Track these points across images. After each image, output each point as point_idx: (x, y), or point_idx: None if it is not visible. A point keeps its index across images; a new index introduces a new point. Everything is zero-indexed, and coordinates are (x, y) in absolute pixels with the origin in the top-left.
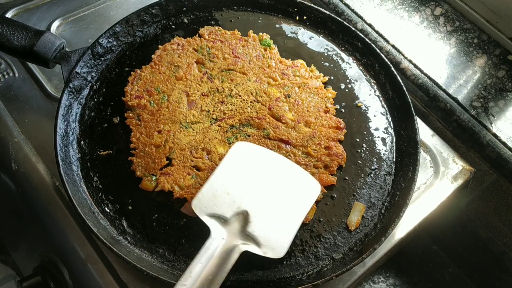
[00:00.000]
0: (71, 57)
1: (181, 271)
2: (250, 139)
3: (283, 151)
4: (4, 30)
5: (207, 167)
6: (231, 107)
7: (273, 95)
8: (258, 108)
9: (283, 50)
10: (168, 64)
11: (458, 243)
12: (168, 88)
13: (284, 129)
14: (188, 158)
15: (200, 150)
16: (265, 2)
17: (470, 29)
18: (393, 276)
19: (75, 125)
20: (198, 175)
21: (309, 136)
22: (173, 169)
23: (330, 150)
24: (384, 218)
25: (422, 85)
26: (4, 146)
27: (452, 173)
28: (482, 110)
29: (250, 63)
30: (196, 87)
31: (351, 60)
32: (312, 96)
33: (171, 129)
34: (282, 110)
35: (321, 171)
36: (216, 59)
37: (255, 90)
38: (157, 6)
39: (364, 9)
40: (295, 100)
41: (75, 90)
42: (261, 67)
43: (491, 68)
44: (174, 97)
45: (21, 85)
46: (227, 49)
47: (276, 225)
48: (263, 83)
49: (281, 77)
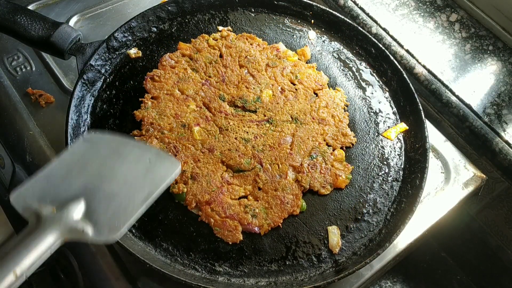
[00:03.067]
0: (87, 50)
1: (183, 266)
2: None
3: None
4: (22, 20)
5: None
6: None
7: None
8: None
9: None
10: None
11: (467, 250)
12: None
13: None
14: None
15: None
16: (280, 4)
17: (486, 36)
18: (401, 281)
19: (86, 116)
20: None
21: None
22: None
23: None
24: (390, 224)
25: (435, 91)
26: (20, 138)
27: (463, 179)
28: (495, 117)
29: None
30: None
31: (364, 65)
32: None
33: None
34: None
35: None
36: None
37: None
38: (174, 3)
39: (379, 13)
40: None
41: (88, 82)
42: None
43: (505, 76)
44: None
45: (38, 78)
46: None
47: (114, 208)
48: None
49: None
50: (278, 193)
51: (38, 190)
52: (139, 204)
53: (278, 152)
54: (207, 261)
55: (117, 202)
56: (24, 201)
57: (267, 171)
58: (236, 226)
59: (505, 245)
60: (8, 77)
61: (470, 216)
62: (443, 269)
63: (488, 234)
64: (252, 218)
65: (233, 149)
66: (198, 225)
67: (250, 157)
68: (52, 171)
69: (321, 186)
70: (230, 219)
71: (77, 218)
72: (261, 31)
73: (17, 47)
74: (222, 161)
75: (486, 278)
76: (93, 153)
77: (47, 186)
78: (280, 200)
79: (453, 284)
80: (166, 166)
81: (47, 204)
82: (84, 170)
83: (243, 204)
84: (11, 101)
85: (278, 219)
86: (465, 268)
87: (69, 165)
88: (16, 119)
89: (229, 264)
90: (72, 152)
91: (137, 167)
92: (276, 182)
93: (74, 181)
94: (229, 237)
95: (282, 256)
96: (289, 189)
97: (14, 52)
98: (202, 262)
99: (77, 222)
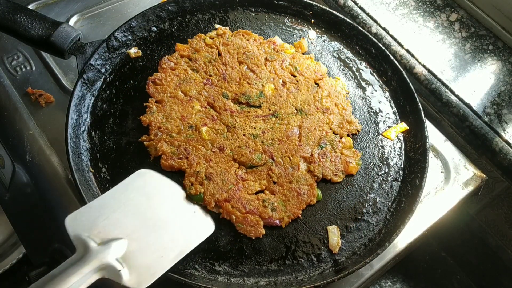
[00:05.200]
0: (86, 49)
1: (183, 266)
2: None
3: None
4: (22, 19)
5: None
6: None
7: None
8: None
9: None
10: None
11: (467, 250)
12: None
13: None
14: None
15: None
16: (280, 4)
17: (486, 35)
18: (400, 281)
19: (86, 116)
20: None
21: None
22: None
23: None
24: (389, 224)
25: (435, 90)
26: (20, 137)
27: (463, 179)
28: (495, 117)
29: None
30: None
31: (363, 64)
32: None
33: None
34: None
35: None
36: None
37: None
38: (174, 2)
39: (379, 13)
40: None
41: (88, 81)
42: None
43: (505, 75)
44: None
45: (38, 78)
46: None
47: (149, 259)
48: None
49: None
50: (293, 185)
51: (90, 219)
52: (171, 261)
53: (288, 145)
54: (207, 261)
55: (155, 252)
56: (76, 228)
57: (279, 164)
58: (258, 220)
59: (505, 244)
60: (8, 77)
61: (470, 215)
62: (443, 269)
63: (488, 233)
64: (272, 211)
65: (243, 146)
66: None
67: (261, 152)
68: (105, 201)
69: (334, 174)
70: (251, 214)
71: (117, 258)
72: (261, 30)
73: (17, 47)
74: (234, 159)
75: (486, 277)
76: (146, 193)
77: (98, 216)
78: (296, 191)
79: (453, 283)
80: (205, 225)
81: (95, 236)
82: (134, 210)
83: (261, 198)
84: (11, 101)
85: (297, 210)
86: (465, 268)
87: (121, 199)
88: (16, 119)
89: (229, 263)
90: (127, 185)
91: (182, 218)
92: (289, 174)
93: (123, 219)
94: (252, 232)
95: (282, 256)
96: (303, 180)
97: (14, 52)
98: (202, 262)
99: (116, 263)
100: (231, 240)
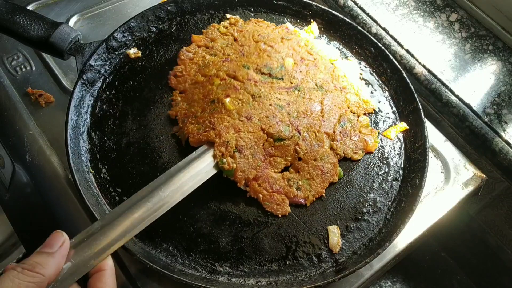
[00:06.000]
0: (86, 50)
1: (184, 266)
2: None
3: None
4: (22, 20)
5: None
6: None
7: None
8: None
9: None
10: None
11: (467, 250)
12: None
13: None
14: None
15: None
16: (279, 4)
17: (486, 35)
18: (400, 281)
19: (86, 116)
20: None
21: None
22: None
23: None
24: (390, 224)
25: (435, 90)
26: (20, 138)
27: (463, 179)
28: (495, 117)
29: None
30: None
31: (363, 64)
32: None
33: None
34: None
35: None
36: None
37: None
38: (173, 3)
39: (379, 13)
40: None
41: (88, 82)
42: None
43: (505, 75)
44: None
45: (38, 78)
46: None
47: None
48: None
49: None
50: (317, 162)
51: None
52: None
53: (312, 119)
54: (208, 261)
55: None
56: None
57: (306, 139)
58: (284, 199)
59: (505, 245)
60: (8, 77)
61: (470, 216)
62: (443, 269)
63: (488, 233)
64: (297, 190)
65: (270, 116)
66: (198, 225)
67: (288, 125)
68: None
69: (354, 153)
70: (277, 193)
71: None
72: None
73: (17, 47)
74: (262, 129)
75: (486, 278)
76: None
77: None
78: (320, 170)
79: (453, 283)
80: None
81: None
82: None
83: (286, 177)
84: (11, 101)
85: (321, 189)
86: (465, 268)
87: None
88: (16, 119)
89: (230, 264)
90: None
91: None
92: (315, 151)
93: None
94: (279, 210)
95: (282, 256)
96: (327, 158)
97: (14, 52)
98: (203, 262)
99: None
100: (232, 240)
